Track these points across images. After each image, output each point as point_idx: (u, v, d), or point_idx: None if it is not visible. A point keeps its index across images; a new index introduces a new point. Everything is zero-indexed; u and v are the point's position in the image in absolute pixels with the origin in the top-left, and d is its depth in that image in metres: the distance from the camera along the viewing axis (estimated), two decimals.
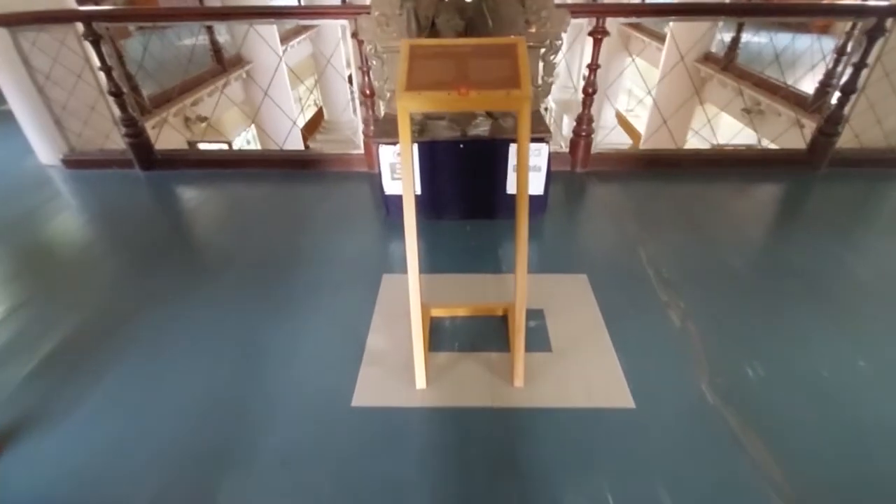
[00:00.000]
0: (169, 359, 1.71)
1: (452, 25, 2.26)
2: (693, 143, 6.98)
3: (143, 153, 3.01)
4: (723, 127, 5.94)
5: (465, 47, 1.40)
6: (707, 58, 5.71)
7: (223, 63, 5.47)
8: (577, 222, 2.56)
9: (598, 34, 2.56)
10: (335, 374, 1.61)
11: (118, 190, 2.95)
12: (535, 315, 1.83)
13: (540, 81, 2.58)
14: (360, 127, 2.92)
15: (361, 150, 2.98)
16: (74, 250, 2.44)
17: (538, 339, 1.72)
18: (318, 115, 11.61)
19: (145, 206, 2.82)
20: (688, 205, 2.65)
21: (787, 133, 4.25)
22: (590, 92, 2.73)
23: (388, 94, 2.63)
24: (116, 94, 2.82)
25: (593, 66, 2.66)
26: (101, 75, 2.76)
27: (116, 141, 3.06)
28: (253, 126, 7.53)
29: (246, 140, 10.09)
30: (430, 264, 2.16)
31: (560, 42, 2.47)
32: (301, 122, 11.14)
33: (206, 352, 1.72)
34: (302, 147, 8.09)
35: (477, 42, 1.41)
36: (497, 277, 2.05)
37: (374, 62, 2.57)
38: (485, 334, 1.76)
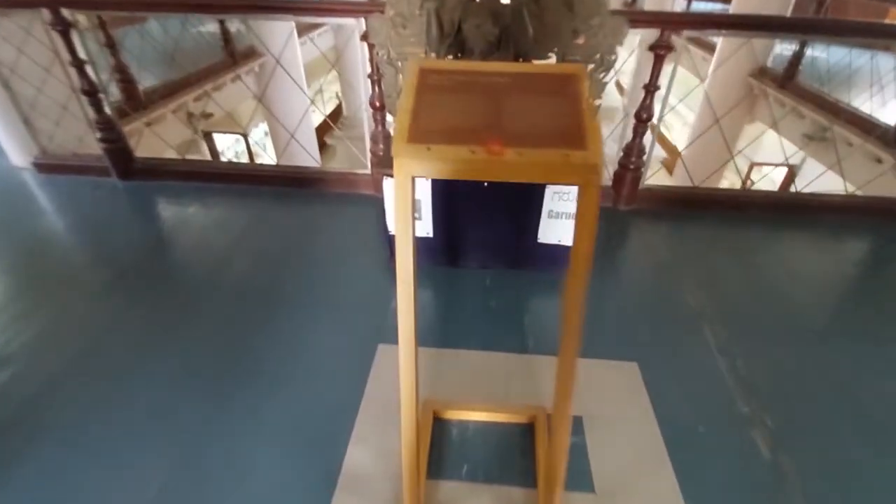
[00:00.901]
0: (86, 460, 1.30)
1: (483, 32, 1.81)
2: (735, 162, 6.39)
3: (121, 160, 2.64)
4: (770, 148, 5.36)
5: (500, 76, 0.96)
6: (762, 72, 5.13)
7: (234, 56, 5.11)
8: (622, 282, 2.09)
9: (662, 49, 2.08)
10: None
11: (89, 201, 2.59)
12: (572, 426, 1.39)
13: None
14: (368, 143, 2.50)
15: (368, 170, 2.56)
16: (25, 272, 2.08)
17: (576, 469, 1.27)
18: (339, 110, 11.25)
19: (115, 224, 2.44)
20: (759, 262, 2.15)
21: (853, 163, 3.70)
22: (643, 118, 2.25)
23: None
24: (90, 92, 2.45)
25: (651, 88, 2.18)
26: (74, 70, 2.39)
27: (92, 145, 2.69)
28: (265, 122, 7.19)
29: (264, 131, 9.77)
30: (438, 331, 1.72)
31: (613, 57, 2.00)
32: (320, 118, 10.79)
33: (136, 455, 1.31)
34: (315, 145, 7.73)
35: (519, 69, 0.96)
36: (522, 359, 1.60)
37: (387, 70, 2.15)
38: (504, 453, 1.32)
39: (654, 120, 2.28)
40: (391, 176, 1.88)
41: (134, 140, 2.86)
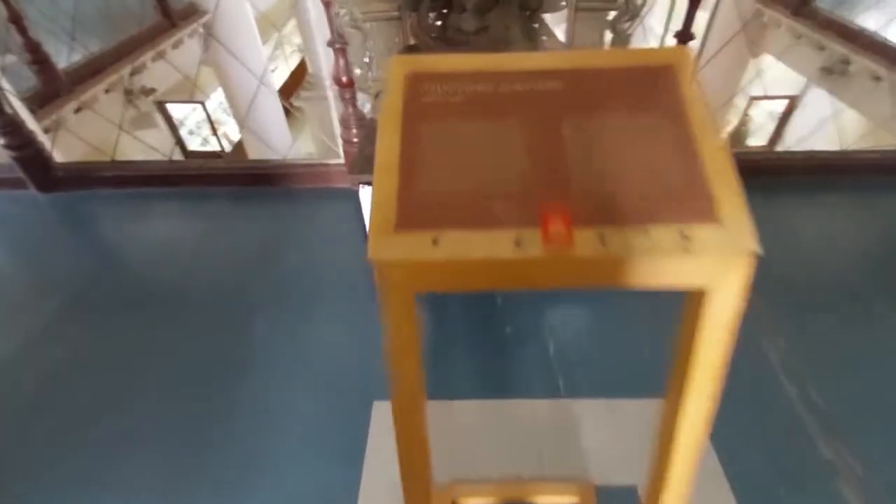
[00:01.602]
0: None
1: None
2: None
3: (37, 169, 2.16)
4: (777, 82, 4.94)
5: (544, 76, 0.56)
6: None
7: (170, 16, 4.39)
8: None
9: None
10: None
11: (9, 221, 2.14)
12: (621, 498, 1.11)
13: None
14: (338, 129, 2.06)
15: (341, 160, 2.14)
16: None
17: None
18: (303, 67, 10.34)
19: (44, 247, 2.01)
20: (811, 241, 1.84)
21: (880, 98, 3.35)
22: None
23: (374, 87, 1.76)
24: None
25: (685, 37, 1.75)
26: None
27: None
28: (221, 89, 6.48)
29: (223, 97, 8.94)
30: (441, 375, 1.39)
31: (640, 1, 1.57)
32: (284, 75, 9.88)
33: None
34: (280, 112, 7.09)
35: (575, 63, 0.57)
36: (554, 406, 1.30)
37: (352, 36, 1.69)
38: None
39: None
40: (369, 184, 1.48)
41: (51, 136, 2.37)
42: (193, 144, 9.07)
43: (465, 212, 0.47)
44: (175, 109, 8.20)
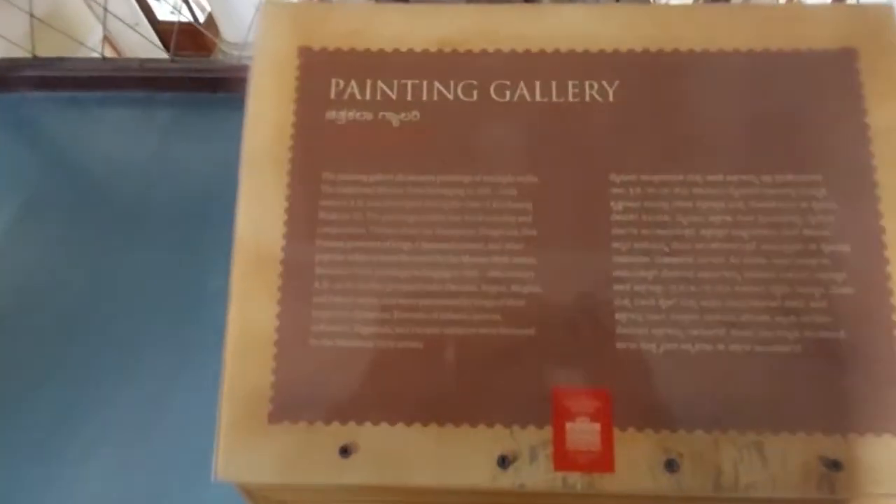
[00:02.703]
0: None
1: None
2: None
3: None
4: None
5: (590, 64, 0.28)
6: None
7: None
8: None
9: None
10: None
11: None
12: None
13: None
14: None
15: None
16: None
17: None
18: None
19: None
20: None
21: None
22: None
23: None
24: None
25: None
26: None
27: None
28: None
29: None
30: None
31: None
32: None
33: None
34: None
35: (650, 30, 0.29)
36: None
37: None
38: None
39: None
40: None
41: None
42: (163, 12, 7.94)
43: (404, 391, 0.24)
44: None
